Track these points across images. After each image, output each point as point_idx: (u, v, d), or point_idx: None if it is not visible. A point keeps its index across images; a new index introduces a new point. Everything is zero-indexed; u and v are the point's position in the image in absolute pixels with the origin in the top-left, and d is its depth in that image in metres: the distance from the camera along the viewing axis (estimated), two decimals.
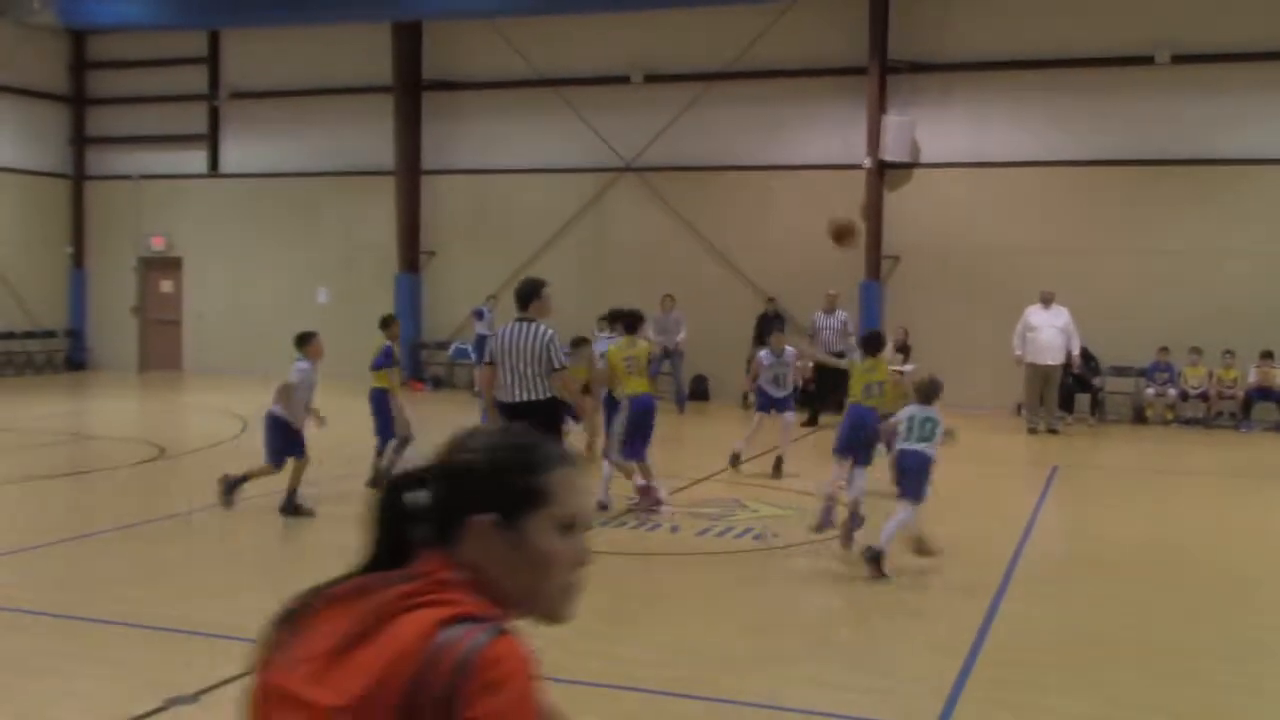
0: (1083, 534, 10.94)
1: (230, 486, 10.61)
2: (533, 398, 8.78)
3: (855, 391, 9.96)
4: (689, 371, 21.02)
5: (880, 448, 9.86)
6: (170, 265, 25.76)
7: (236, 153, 25.22)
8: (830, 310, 19.30)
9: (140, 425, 18.66)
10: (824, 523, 9.63)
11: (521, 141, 22.93)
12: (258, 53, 24.63)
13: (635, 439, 10.93)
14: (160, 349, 25.88)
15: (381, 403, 11.79)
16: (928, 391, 9.11)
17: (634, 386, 10.98)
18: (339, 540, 10.50)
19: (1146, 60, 19.31)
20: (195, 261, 25.50)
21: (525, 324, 8.96)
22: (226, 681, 6.11)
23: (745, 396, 20.58)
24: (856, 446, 9.65)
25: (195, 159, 25.44)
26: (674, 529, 10.37)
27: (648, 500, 10.87)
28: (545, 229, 22.65)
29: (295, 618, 1.82)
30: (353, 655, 1.70)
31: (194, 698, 5.86)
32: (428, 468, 1.88)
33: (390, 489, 1.88)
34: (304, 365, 10.75)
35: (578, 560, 1.88)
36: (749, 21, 21.07)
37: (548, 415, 8.74)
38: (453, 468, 1.86)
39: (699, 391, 21.39)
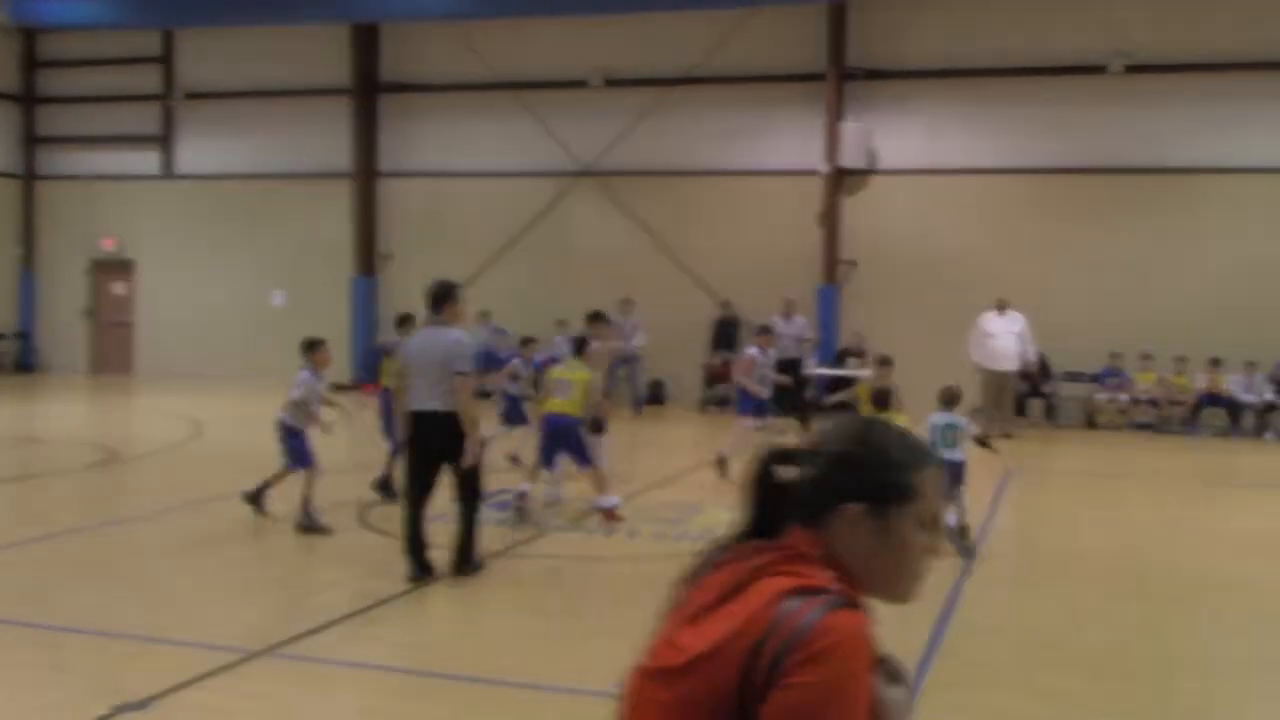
0: (1036, 538, 11.03)
1: (254, 498, 10.31)
2: (440, 407, 8.19)
3: None
4: (645, 375, 21.02)
5: None
6: (122, 267, 25.47)
7: (191, 154, 24.98)
8: (788, 315, 19.38)
9: (91, 429, 18.42)
10: None
11: (480, 145, 22.87)
12: (213, 53, 24.41)
13: (550, 453, 10.61)
14: (112, 352, 25.58)
15: (387, 403, 11.46)
16: (947, 398, 9.88)
17: (550, 405, 10.57)
18: (291, 543, 10.26)
19: (1100, 70, 19.55)
20: (148, 263, 25.23)
21: (437, 328, 8.42)
22: (177, 688, 6.04)
23: (712, 402, 20.60)
24: None
25: (149, 160, 25.18)
26: (631, 533, 10.36)
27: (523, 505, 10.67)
28: (503, 232, 22.59)
29: (697, 574, 2.00)
30: (719, 610, 1.88)
31: (143, 704, 5.78)
32: (802, 448, 2.01)
33: (763, 463, 2.04)
34: (306, 375, 10.32)
35: (930, 552, 2.02)
36: (709, 28, 21.13)
37: (454, 426, 8.21)
38: (831, 454, 2.00)
39: (655, 395, 21.39)
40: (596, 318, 12.36)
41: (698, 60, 21.34)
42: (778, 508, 1.99)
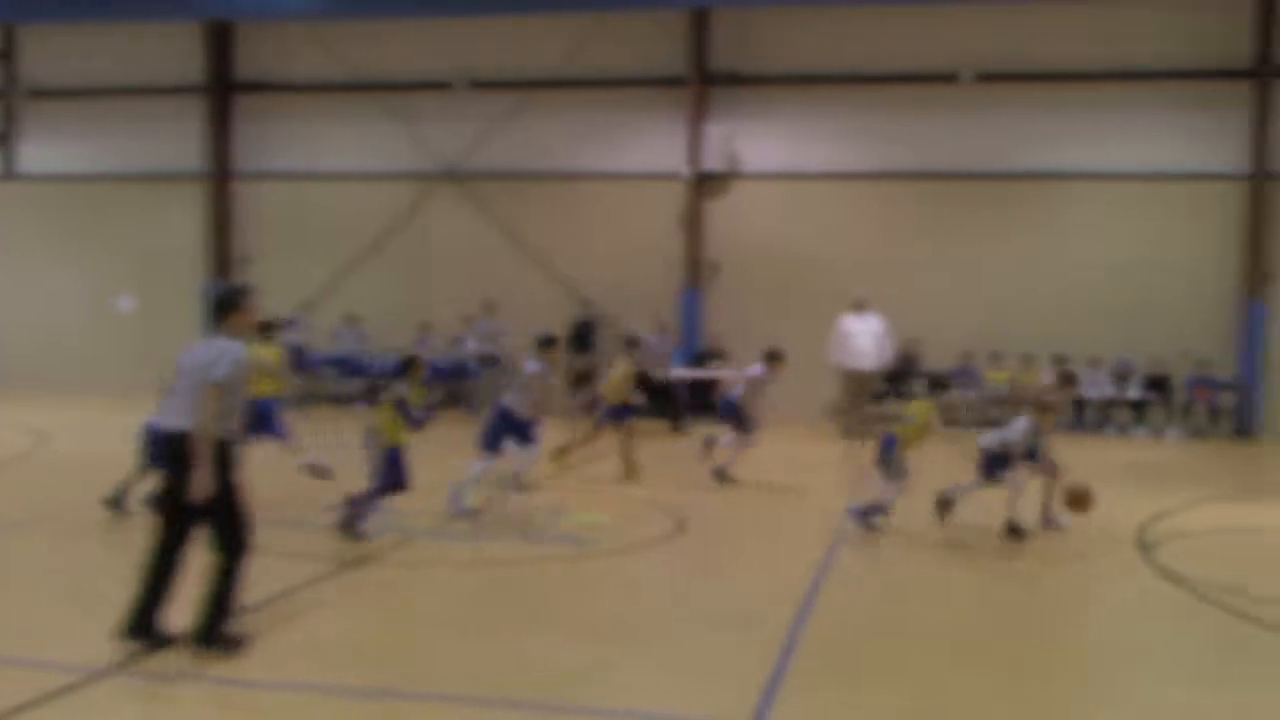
0: (893, 532, 11.27)
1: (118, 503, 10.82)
2: (184, 426, 6.81)
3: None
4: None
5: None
6: None
7: (34, 153, 24.03)
8: (662, 331, 19.70)
9: None
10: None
11: (341, 146, 22.52)
12: (59, 49, 23.54)
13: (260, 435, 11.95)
14: None
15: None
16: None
17: (260, 388, 11.71)
18: (139, 556, 10.04)
19: (953, 78, 20.12)
20: None
21: (211, 341, 7.01)
22: (15, 711, 5.81)
23: (578, 406, 20.59)
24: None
25: None
26: (497, 537, 10.30)
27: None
28: (366, 235, 22.28)
29: None
30: None
31: None
32: None
33: None
34: None
35: None
36: (573, 31, 21.16)
37: (180, 450, 6.79)
38: None
39: None
40: (548, 343, 12.28)
41: (561, 63, 21.34)
42: None
